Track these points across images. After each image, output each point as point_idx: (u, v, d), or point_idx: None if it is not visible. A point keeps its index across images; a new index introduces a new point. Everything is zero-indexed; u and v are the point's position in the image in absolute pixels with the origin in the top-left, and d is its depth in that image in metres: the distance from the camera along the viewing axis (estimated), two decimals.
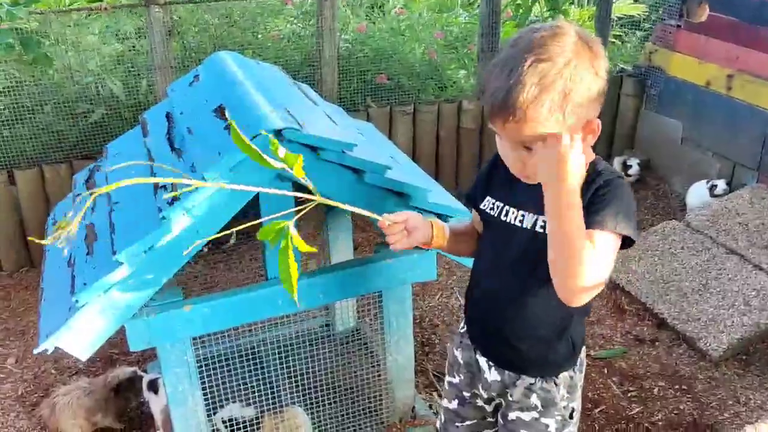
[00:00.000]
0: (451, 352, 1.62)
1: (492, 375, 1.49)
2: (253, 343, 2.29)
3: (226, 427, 1.95)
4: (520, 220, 1.35)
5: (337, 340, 2.47)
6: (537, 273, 1.32)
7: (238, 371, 1.96)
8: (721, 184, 3.32)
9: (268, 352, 2.09)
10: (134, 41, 3.37)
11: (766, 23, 3.20)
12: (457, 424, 1.62)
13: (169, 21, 3.16)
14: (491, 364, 1.49)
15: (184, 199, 1.50)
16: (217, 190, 1.52)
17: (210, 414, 1.87)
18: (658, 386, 2.39)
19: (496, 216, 1.39)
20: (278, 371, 2.01)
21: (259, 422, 2.01)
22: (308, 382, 2.06)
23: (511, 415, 1.48)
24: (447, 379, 1.63)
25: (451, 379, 1.61)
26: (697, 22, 3.56)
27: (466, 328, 1.57)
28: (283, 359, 1.99)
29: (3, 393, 2.48)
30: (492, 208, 1.40)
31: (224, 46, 3.48)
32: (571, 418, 1.48)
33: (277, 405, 2.02)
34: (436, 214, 1.78)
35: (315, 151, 1.59)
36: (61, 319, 1.53)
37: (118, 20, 3.42)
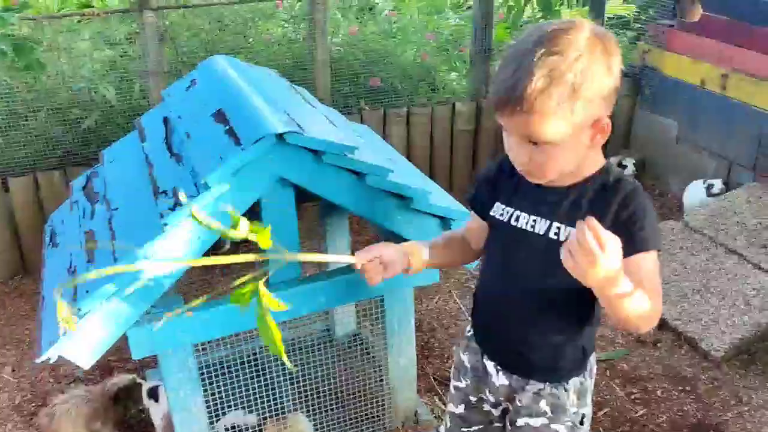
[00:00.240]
0: (457, 356, 1.60)
1: (500, 379, 1.47)
2: (254, 349, 2.27)
3: None
4: (532, 226, 1.33)
5: (338, 344, 2.45)
6: (549, 280, 1.31)
7: (240, 377, 1.93)
8: (718, 184, 3.33)
9: (269, 358, 2.07)
10: (126, 47, 3.35)
11: (760, 22, 3.22)
12: (464, 429, 1.60)
13: (162, 26, 3.14)
14: (499, 368, 1.47)
15: (186, 205, 1.48)
16: (220, 195, 1.50)
17: (212, 421, 1.85)
18: (661, 387, 2.38)
19: (507, 221, 1.36)
20: (279, 377, 1.99)
21: (262, 429, 1.99)
22: (310, 388, 2.04)
23: (520, 421, 1.46)
24: (453, 383, 1.61)
25: (457, 383, 1.60)
26: (690, 22, 3.57)
27: (472, 332, 1.56)
28: (283, 365, 1.97)
29: (0, 402, 2.45)
30: (502, 214, 1.37)
31: (216, 51, 3.47)
32: (582, 424, 1.45)
33: (279, 411, 2.00)
34: (438, 216, 1.77)
35: (317, 155, 1.58)
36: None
37: (110, 26, 3.40)
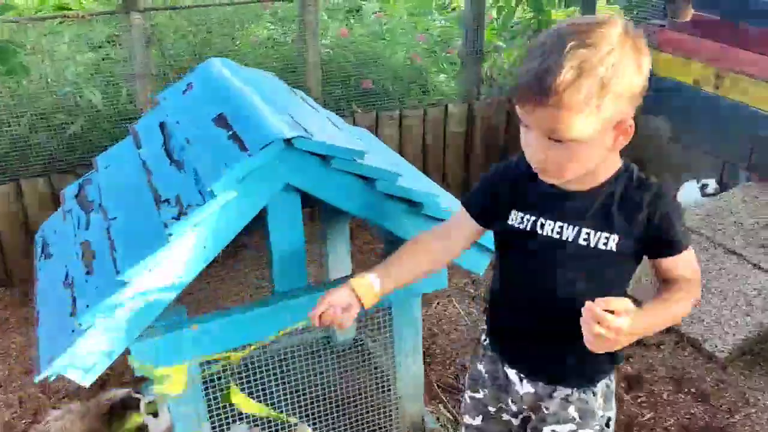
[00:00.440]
0: (473, 367, 1.55)
1: (524, 387, 1.43)
2: (252, 359, 2.20)
3: None
4: (558, 232, 1.28)
5: (338, 351, 2.39)
6: (580, 286, 1.28)
7: (242, 389, 1.87)
8: (712, 183, 3.33)
9: (269, 367, 2.01)
10: (110, 50, 3.26)
11: (753, 22, 3.22)
12: None
13: (149, 28, 3.06)
14: (522, 376, 1.43)
15: (191, 215, 1.42)
16: (226, 203, 1.44)
17: None
18: (666, 390, 2.36)
19: (531, 230, 1.31)
20: (280, 387, 1.93)
21: None
22: (312, 397, 1.98)
23: (546, 429, 1.42)
24: (469, 394, 1.57)
25: (474, 394, 1.55)
26: (682, 22, 3.57)
27: (488, 341, 1.51)
28: (284, 374, 1.91)
29: None
30: (522, 222, 1.32)
31: (203, 53, 3.40)
32: (608, 426, 1.43)
33: (285, 424, 1.93)
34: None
35: (324, 160, 1.52)
36: (63, 344, 1.44)
37: (93, 28, 3.30)
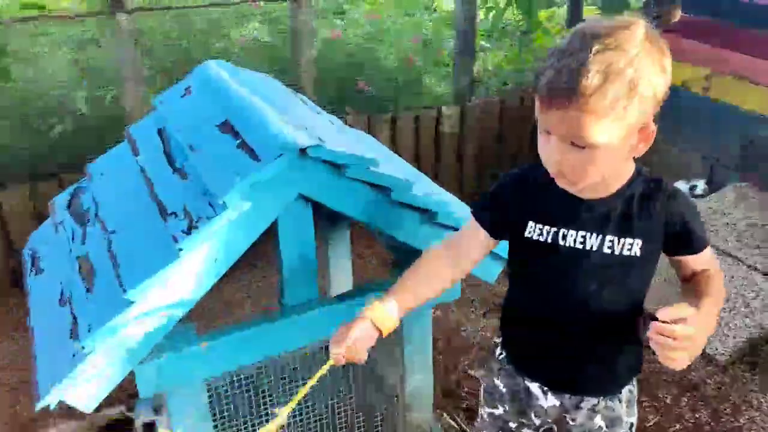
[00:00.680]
0: (489, 382, 1.51)
1: (549, 401, 1.39)
2: (251, 372, 2.13)
3: None
4: (581, 242, 1.25)
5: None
6: (607, 296, 1.26)
7: (241, 403, 1.80)
8: (701, 185, 3.34)
9: (269, 378, 1.94)
10: (96, 51, 3.16)
11: (741, 24, 3.24)
12: None
13: (135, 30, 2.96)
14: (546, 389, 1.39)
15: (203, 228, 1.35)
16: (238, 215, 1.38)
17: None
18: (670, 394, 2.35)
19: (551, 241, 1.27)
20: (281, 397, 1.87)
21: None
22: (314, 407, 1.92)
23: None
24: (487, 410, 1.52)
25: (491, 410, 1.51)
26: (669, 23, 3.58)
27: (504, 354, 1.47)
28: (285, 386, 1.85)
29: None
30: (541, 234, 1.28)
31: (190, 56, 3.31)
32: (630, 431, 1.41)
33: None
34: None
35: (338, 168, 1.46)
36: (64, 368, 1.35)
37: (81, 29, 3.20)
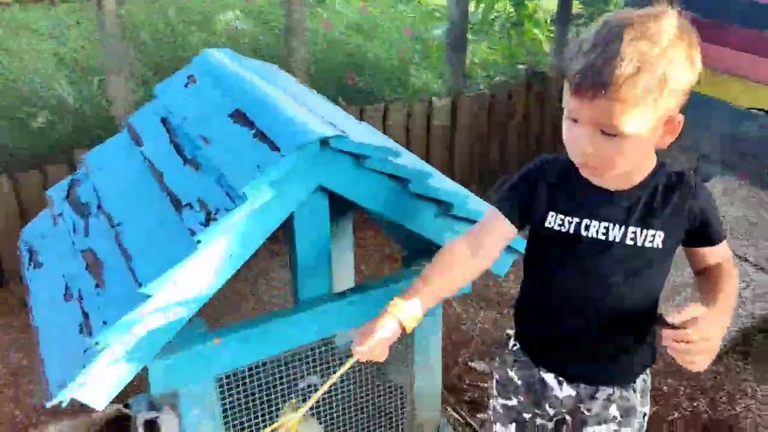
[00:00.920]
0: (502, 374, 1.50)
1: (564, 391, 1.39)
2: (258, 368, 2.09)
3: None
4: (604, 233, 1.25)
5: (340, 355, 2.30)
6: (628, 287, 1.27)
7: (250, 400, 1.76)
8: None
9: (274, 375, 1.91)
10: (79, 40, 3.06)
11: (729, 20, 3.28)
12: None
13: (122, 17, 2.87)
14: (561, 379, 1.39)
15: (221, 220, 1.31)
16: (257, 207, 1.34)
17: None
18: (667, 384, 2.37)
19: (573, 232, 1.27)
20: (286, 394, 1.83)
21: None
22: (321, 404, 1.89)
23: (586, 430, 1.39)
24: (500, 402, 1.51)
25: (505, 402, 1.50)
26: None
27: (518, 346, 1.47)
28: (290, 379, 1.82)
29: None
30: (562, 224, 1.28)
31: (177, 46, 3.24)
32: (644, 420, 1.42)
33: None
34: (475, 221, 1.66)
35: (358, 159, 1.43)
36: (74, 365, 1.30)
37: (58, 17, 3.09)
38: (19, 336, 2.65)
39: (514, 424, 1.50)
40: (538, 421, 1.47)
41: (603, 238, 1.25)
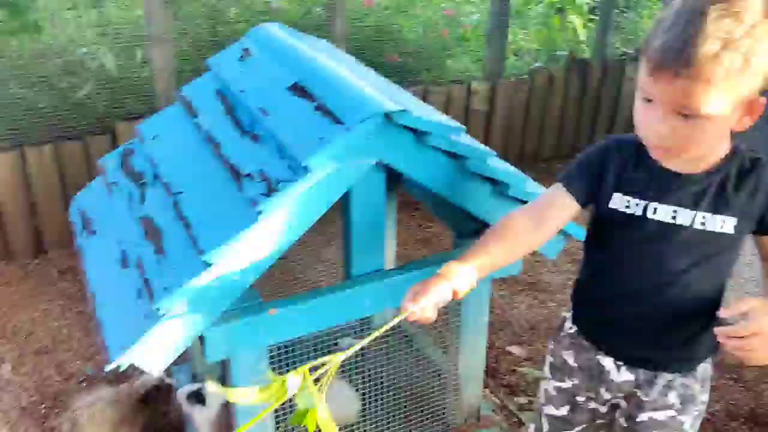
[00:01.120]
0: (556, 356, 1.49)
1: (622, 375, 1.38)
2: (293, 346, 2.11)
3: None
4: (673, 217, 1.22)
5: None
6: (695, 271, 1.25)
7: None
8: None
9: (309, 353, 1.91)
10: (125, 11, 3.07)
11: None
12: (566, 431, 1.51)
13: None
14: (620, 364, 1.38)
15: (283, 191, 1.31)
16: (318, 180, 1.33)
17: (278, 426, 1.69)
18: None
19: (640, 214, 1.24)
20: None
21: None
22: (361, 383, 1.90)
23: (642, 416, 1.38)
24: (554, 384, 1.50)
25: (559, 384, 1.49)
26: None
27: (575, 329, 1.45)
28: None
29: (6, 404, 2.20)
30: (628, 206, 1.25)
31: (219, 19, 3.23)
32: (702, 409, 1.40)
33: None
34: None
35: (419, 136, 1.42)
36: (134, 330, 1.32)
37: None
38: (57, 304, 2.69)
39: (568, 407, 1.49)
40: (592, 405, 1.46)
41: (671, 221, 1.23)
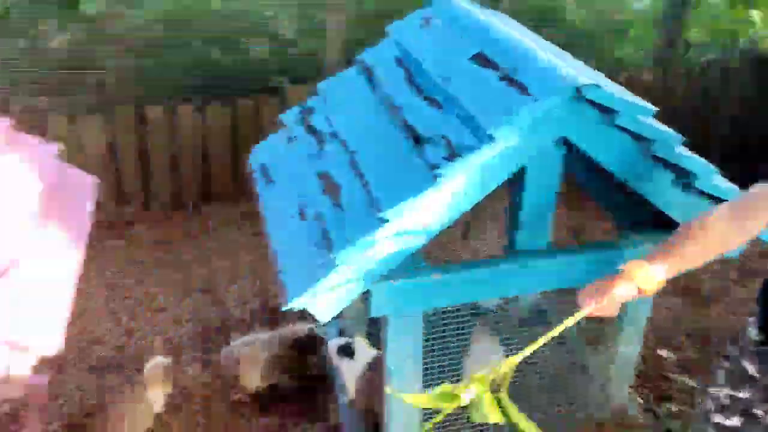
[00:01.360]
0: (735, 363, 1.40)
1: None
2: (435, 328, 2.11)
3: None
4: None
5: (515, 321, 2.27)
6: None
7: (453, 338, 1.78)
8: None
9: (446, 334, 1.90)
10: None
11: None
12: None
13: None
14: None
15: (466, 157, 1.32)
16: (501, 149, 1.33)
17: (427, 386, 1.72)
18: None
19: None
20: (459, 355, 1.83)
21: None
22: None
23: None
24: (727, 392, 1.42)
25: (734, 393, 1.40)
26: None
27: (762, 337, 1.36)
28: (462, 339, 1.81)
29: (171, 334, 2.43)
30: None
31: None
32: None
33: None
34: (714, 199, 1.54)
35: (607, 114, 1.37)
36: (309, 277, 1.39)
37: None
38: (219, 248, 2.92)
39: (742, 418, 1.41)
40: None
41: None
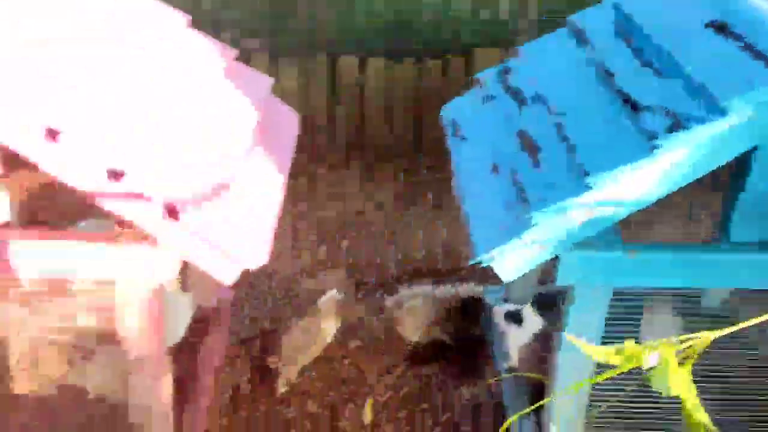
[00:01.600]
0: None
1: None
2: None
3: None
4: None
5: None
6: None
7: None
8: None
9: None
10: None
11: None
12: None
13: None
14: None
15: (692, 130, 1.23)
16: (732, 125, 1.22)
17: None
18: None
19: None
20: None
21: None
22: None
23: None
24: None
25: None
26: None
27: None
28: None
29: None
30: None
31: None
32: None
33: None
34: None
35: None
36: (499, 234, 1.37)
37: None
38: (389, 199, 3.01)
39: None
40: None
41: None
